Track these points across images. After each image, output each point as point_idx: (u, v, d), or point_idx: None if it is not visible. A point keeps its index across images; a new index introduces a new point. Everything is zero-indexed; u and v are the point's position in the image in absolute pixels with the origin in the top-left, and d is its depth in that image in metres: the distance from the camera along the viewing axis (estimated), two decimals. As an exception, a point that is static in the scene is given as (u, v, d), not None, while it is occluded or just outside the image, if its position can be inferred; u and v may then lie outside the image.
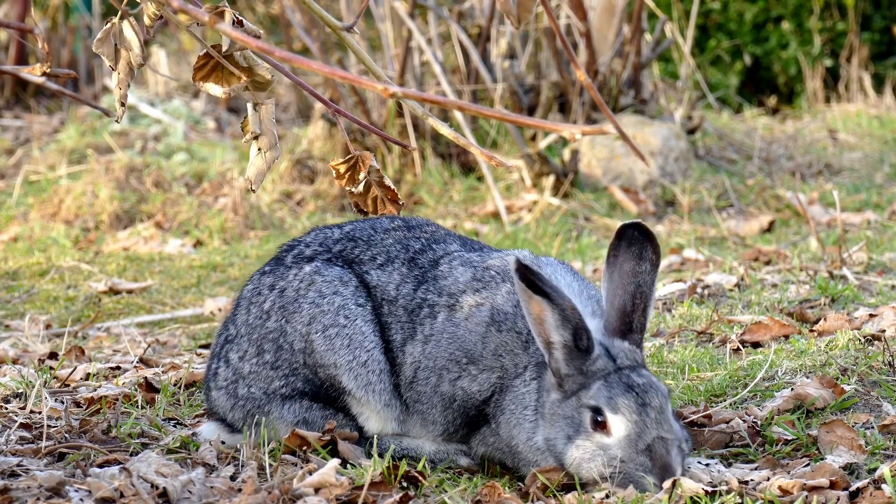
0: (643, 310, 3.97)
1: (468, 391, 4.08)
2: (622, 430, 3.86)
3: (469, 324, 4.10)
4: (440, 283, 4.19)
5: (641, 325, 3.97)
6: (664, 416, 3.87)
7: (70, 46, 13.17)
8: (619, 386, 3.88)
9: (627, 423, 3.85)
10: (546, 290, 3.84)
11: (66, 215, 9.51)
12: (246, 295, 4.38)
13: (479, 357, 4.07)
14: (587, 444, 3.89)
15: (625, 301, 3.96)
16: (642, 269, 3.96)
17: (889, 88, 13.68)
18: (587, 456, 3.89)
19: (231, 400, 4.31)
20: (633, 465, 3.84)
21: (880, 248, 7.44)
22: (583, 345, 3.90)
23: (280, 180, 9.99)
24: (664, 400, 3.88)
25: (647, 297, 3.96)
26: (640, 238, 3.98)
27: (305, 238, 4.45)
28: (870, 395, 4.64)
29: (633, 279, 3.95)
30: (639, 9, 9.85)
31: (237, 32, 2.93)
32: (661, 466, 3.83)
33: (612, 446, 3.86)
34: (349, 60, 10.21)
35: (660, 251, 4.00)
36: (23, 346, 6.27)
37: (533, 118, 2.93)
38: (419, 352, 4.13)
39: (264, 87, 4.06)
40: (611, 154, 9.85)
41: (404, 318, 4.18)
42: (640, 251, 3.97)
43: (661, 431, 3.85)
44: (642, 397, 3.86)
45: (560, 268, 4.26)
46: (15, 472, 4.03)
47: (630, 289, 3.95)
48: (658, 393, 3.88)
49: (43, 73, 3.83)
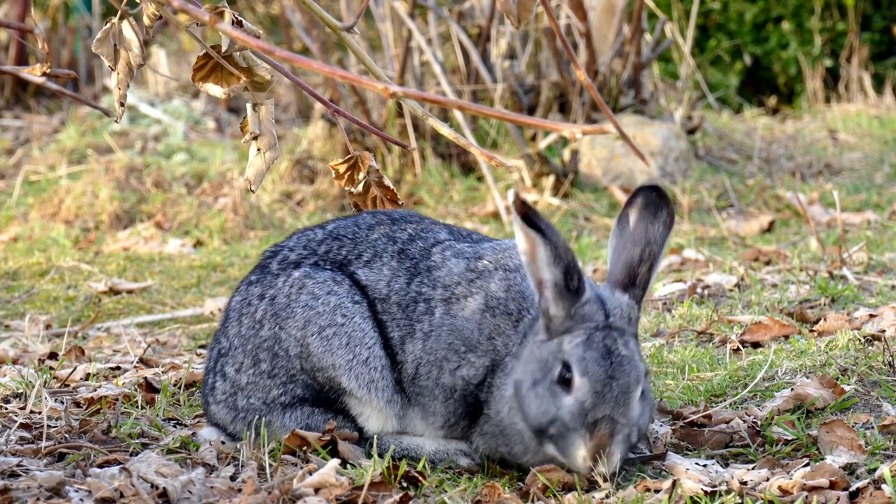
0: (650, 266, 3.92)
1: (467, 379, 4.07)
2: (580, 394, 3.81)
3: (465, 312, 4.09)
4: (434, 275, 4.17)
5: (645, 282, 3.93)
6: (626, 398, 3.81)
7: (70, 46, 13.18)
8: (598, 349, 3.83)
9: (588, 390, 3.81)
10: (541, 225, 3.82)
11: (66, 215, 9.51)
12: (235, 306, 4.32)
13: (477, 344, 4.06)
14: (545, 394, 3.86)
15: (632, 255, 3.93)
16: (655, 229, 3.93)
17: (889, 88, 13.68)
18: (542, 407, 3.86)
19: (231, 413, 4.28)
20: (574, 434, 3.82)
21: (880, 248, 7.44)
22: (573, 285, 3.87)
23: (280, 180, 9.99)
24: (635, 381, 3.83)
25: (656, 255, 3.93)
26: (657, 200, 3.96)
27: (288, 242, 4.39)
28: (870, 395, 4.64)
29: (645, 236, 3.92)
30: (639, 9, 9.86)
31: (237, 32, 2.93)
32: (597, 445, 3.79)
33: (564, 406, 3.83)
34: (349, 60, 10.22)
35: (674, 214, 3.97)
36: (23, 346, 6.27)
37: (533, 118, 2.94)
38: (420, 349, 4.12)
39: (263, 87, 4.06)
40: (611, 154, 9.85)
41: (399, 315, 4.16)
42: (656, 212, 3.95)
43: (614, 412, 3.80)
44: (614, 370, 3.81)
45: None
46: (15, 472, 4.03)
47: (640, 244, 3.92)
48: (633, 371, 3.83)
49: (43, 73, 3.83)
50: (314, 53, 10.13)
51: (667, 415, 4.51)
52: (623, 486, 3.98)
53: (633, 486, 3.93)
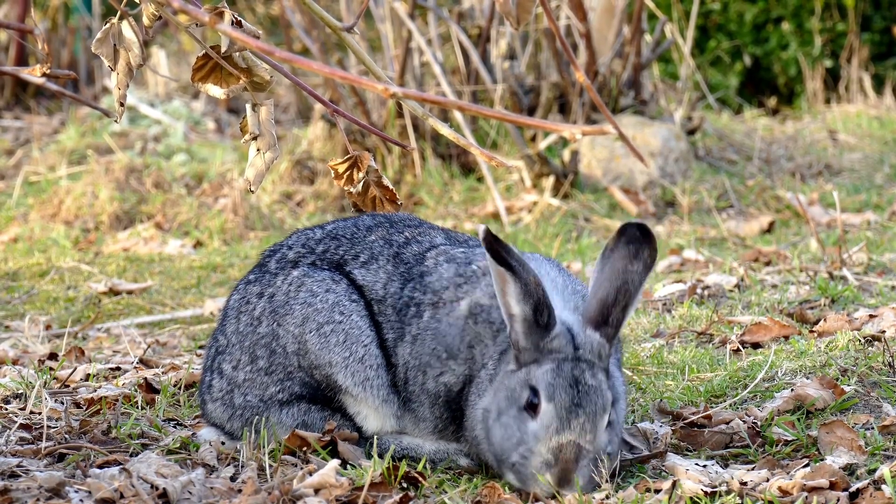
0: (624, 307, 3.91)
1: (448, 385, 4.08)
2: (546, 419, 3.83)
3: (450, 318, 4.10)
4: (425, 280, 4.18)
5: (618, 321, 3.92)
6: (593, 425, 3.82)
7: (70, 47, 13.18)
8: (565, 377, 3.84)
9: (553, 416, 3.82)
10: (511, 262, 3.83)
11: (65, 216, 9.51)
12: (233, 305, 4.33)
13: (457, 351, 4.07)
14: (511, 422, 3.87)
15: (608, 293, 3.91)
16: (634, 268, 3.91)
17: (889, 89, 13.68)
18: (507, 434, 3.88)
19: (228, 410, 4.28)
20: (537, 458, 3.83)
21: (880, 248, 7.45)
22: (542, 320, 3.87)
23: (280, 181, 9.99)
24: (601, 410, 3.84)
25: (632, 295, 3.91)
26: (640, 238, 3.94)
27: (287, 241, 4.41)
28: (870, 395, 4.64)
29: (623, 275, 3.90)
30: (639, 9, 9.86)
31: (237, 33, 2.93)
32: (561, 471, 3.80)
33: (530, 431, 3.84)
34: (349, 61, 10.22)
35: (656, 255, 3.95)
36: (23, 346, 6.27)
37: (533, 118, 2.94)
38: (408, 353, 4.13)
39: (263, 87, 4.06)
40: (611, 155, 9.85)
41: (394, 318, 4.17)
42: (637, 250, 3.93)
43: (580, 438, 3.81)
44: (581, 398, 3.83)
45: (546, 263, 4.26)
46: (15, 472, 4.03)
47: (616, 283, 3.91)
48: (599, 399, 3.84)
49: (43, 73, 3.83)
50: (314, 54, 10.13)
51: (667, 415, 4.51)
52: (623, 487, 3.98)
53: (633, 487, 3.93)
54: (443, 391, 4.08)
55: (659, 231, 8.94)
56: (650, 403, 4.61)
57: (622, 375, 4.16)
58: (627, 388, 4.36)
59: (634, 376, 5.00)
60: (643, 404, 4.65)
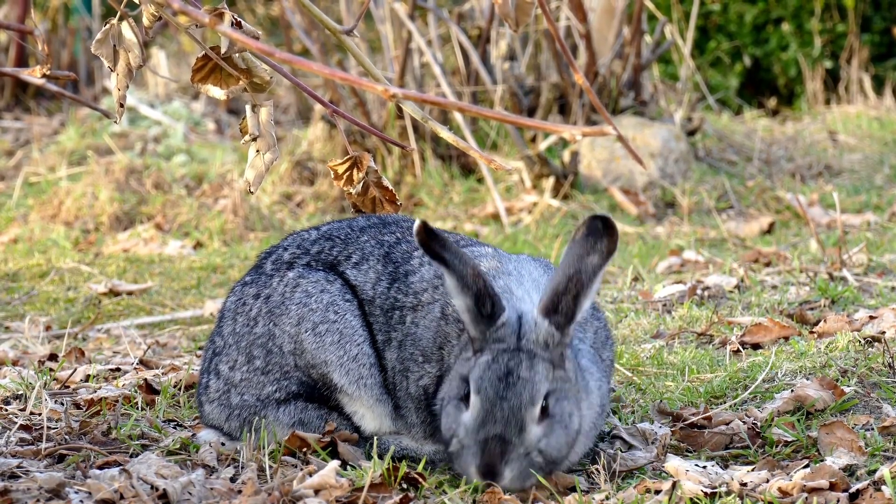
0: (575, 296, 3.88)
1: (426, 389, 4.09)
2: (474, 412, 3.83)
3: (425, 321, 4.12)
4: (409, 280, 4.20)
5: (568, 310, 3.88)
6: (518, 417, 3.80)
7: (70, 48, 13.18)
8: (497, 369, 3.83)
9: (479, 408, 3.82)
10: (445, 255, 3.83)
11: (66, 217, 9.51)
12: (230, 307, 4.35)
13: (431, 354, 4.09)
14: (452, 412, 3.89)
15: (559, 281, 3.89)
16: (589, 259, 3.88)
17: (889, 90, 13.68)
18: (447, 423, 3.90)
19: (226, 411, 4.29)
20: (467, 451, 3.83)
21: (880, 249, 7.45)
22: (486, 311, 3.86)
23: (280, 182, 9.99)
24: (527, 402, 3.81)
25: (584, 284, 3.87)
26: (601, 230, 3.90)
27: (282, 243, 4.44)
28: (870, 396, 4.64)
29: (577, 264, 3.87)
30: (639, 10, 9.86)
31: (238, 34, 2.94)
32: (485, 464, 3.79)
33: (461, 423, 3.86)
34: (349, 62, 10.22)
35: (615, 247, 3.90)
36: (23, 347, 6.28)
37: (533, 119, 2.94)
38: (394, 357, 4.16)
39: (262, 88, 4.06)
40: (611, 156, 9.85)
41: (382, 320, 4.20)
42: (595, 242, 3.89)
43: (505, 431, 3.80)
44: (506, 390, 3.81)
45: (532, 263, 4.25)
46: (15, 473, 4.03)
47: (569, 272, 3.88)
48: (526, 392, 3.82)
49: (43, 74, 3.83)
50: (314, 55, 10.13)
51: (667, 416, 4.51)
52: (623, 488, 3.98)
53: (632, 488, 3.93)
54: (422, 395, 4.10)
55: (659, 232, 8.95)
56: (650, 404, 4.61)
57: (602, 371, 4.13)
58: (611, 385, 4.33)
59: (634, 377, 5.00)
60: (643, 405, 4.65)
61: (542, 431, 3.84)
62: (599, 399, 4.06)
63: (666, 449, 4.22)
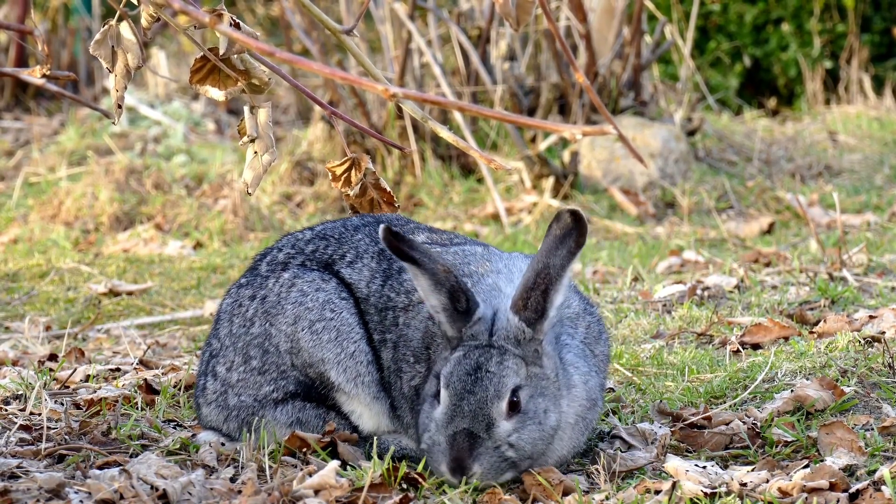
0: (543, 290, 3.87)
1: (417, 388, 4.10)
2: (442, 408, 3.85)
3: (415, 322, 4.14)
4: (402, 278, 4.21)
5: (538, 306, 3.88)
6: (485, 411, 3.81)
7: (70, 48, 13.18)
8: (467, 364, 3.85)
9: (448, 404, 3.84)
10: (414, 255, 3.84)
11: (65, 217, 9.51)
12: (226, 309, 4.36)
13: (420, 354, 4.10)
14: (427, 408, 3.92)
15: (528, 277, 3.89)
16: (558, 253, 3.88)
17: (889, 90, 13.68)
18: (421, 420, 3.93)
19: (224, 412, 4.30)
20: (437, 448, 3.85)
21: (880, 249, 7.45)
22: (461, 307, 3.88)
23: (280, 182, 9.99)
24: (493, 397, 3.82)
25: (552, 279, 3.87)
26: (570, 224, 3.89)
27: (277, 244, 4.45)
28: (870, 396, 4.64)
29: (545, 259, 3.88)
30: (639, 10, 9.86)
31: (238, 34, 2.93)
32: (454, 459, 3.81)
33: (433, 419, 3.87)
34: (349, 62, 10.22)
35: (584, 241, 3.89)
36: (23, 347, 6.28)
37: (533, 119, 2.94)
38: (390, 357, 4.17)
39: (261, 89, 4.06)
40: (611, 156, 9.85)
41: (377, 319, 4.21)
42: (564, 237, 3.89)
43: (472, 425, 3.81)
44: (473, 385, 3.83)
45: (524, 260, 4.25)
46: (15, 473, 4.03)
47: (538, 267, 3.88)
48: (493, 386, 3.83)
49: (43, 74, 3.83)
50: (314, 55, 10.13)
51: (667, 416, 4.51)
52: (623, 488, 3.98)
53: (632, 488, 3.93)
54: (415, 395, 4.11)
55: (659, 232, 8.94)
56: (650, 404, 4.61)
57: (592, 366, 4.13)
58: (606, 379, 4.32)
59: (634, 377, 5.00)
60: (643, 405, 4.65)
61: (513, 426, 3.85)
62: (586, 393, 4.05)
63: (666, 449, 4.22)
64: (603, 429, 4.38)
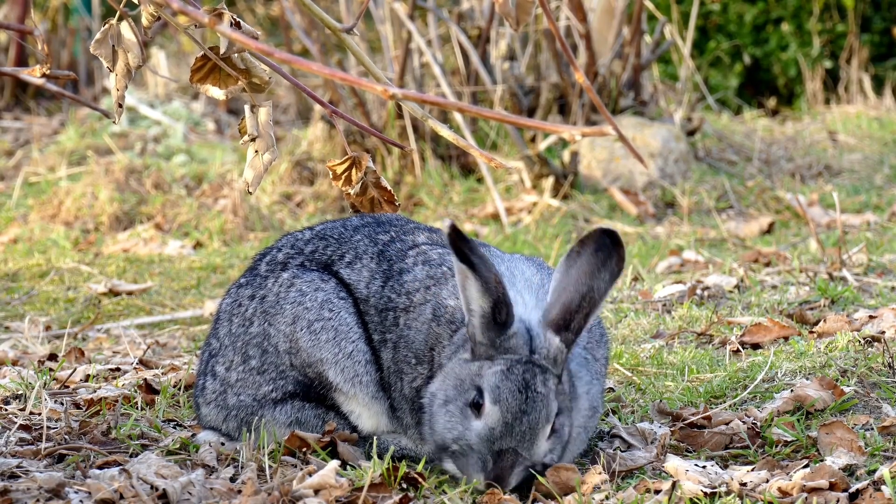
0: (587, 314, 3.89)
1: (418, 389, 4.09)
2: (490, 421, 3.83)
3: (417, 323, 4.13)
4: (403, 279, 4.20)
5: (579, 328, 3.90)
6: (534, 434, 3.83)
7: (70, 48, 13.18)
8: (515, 381, 3.84)
9: (498, 419, 3.83)
10: (473, 259, 3.82)
11: (65, 217, 9.51)
12: (225, 308, 4.37)
13: (423, 355, 4.09)
14: (457, 414, 3.89)
15: (572, 298, 3.89)
16: (601, 276, 3.88)
17: (889, 90, 13.68)
18: (450, 425, 3.89)
19: (223, 412, 4.30)
20: (476, 456, 3.84)
21: (880, 249, 7.44)
22: (500, 318, 3.87)
23: (280, 182, 9.99)
24: (544, 420, 3.84)
25: (596, 303, 3.88)
26: (610, 246, 3.89)
27: (277, 244, 4.45)
28: (869, 396, 4.64)
29: (589, 281, 3.87)
30: (638, 10, 9.86)
31: (238, 34, 2.93)
32: (497, 476, 3.82)
33: (473, 430, 3.85)
34: (349, 62, 10.22)
35: (623, 264, 3.91)
36: (23, 347, 6.28)
37: (532, 119, 2.94)
38: (390, 358, 4.17)
39: (261, 89, 4.06)
40: (610, 156, 9.85)
41: (377, 320, 4.20)
42: (606, 258, 3.89)
43: (519, 445, 3.83)
44: (526, 405, 3.83)
45: (525, 263, 4.25)
46: (15, 473, 4.03)
47: (582, 290, 3.88)
48: (544, 411, 3.84)
49: (43, 74, 3.83)
50: (314, 55, 10.13)
51: (666, 416, 4.51)
52: (623, 488, 3.98)
53: (632, 488, 3.93)
54: (416, 396, 4.11)
55: (659, 232, 8.94)
56: (650, 404, 4.61)
57: (593, 372, 4.13)
58: (605, 383, 4.33)
59: (634, 377, 5.00)
60: (643, 405, 4.65)
61: (549, 446, 3.89)
62: (589, 402, 4.07)
63: (666, 449, 4.22)
64: (603, 428, 4.38)
